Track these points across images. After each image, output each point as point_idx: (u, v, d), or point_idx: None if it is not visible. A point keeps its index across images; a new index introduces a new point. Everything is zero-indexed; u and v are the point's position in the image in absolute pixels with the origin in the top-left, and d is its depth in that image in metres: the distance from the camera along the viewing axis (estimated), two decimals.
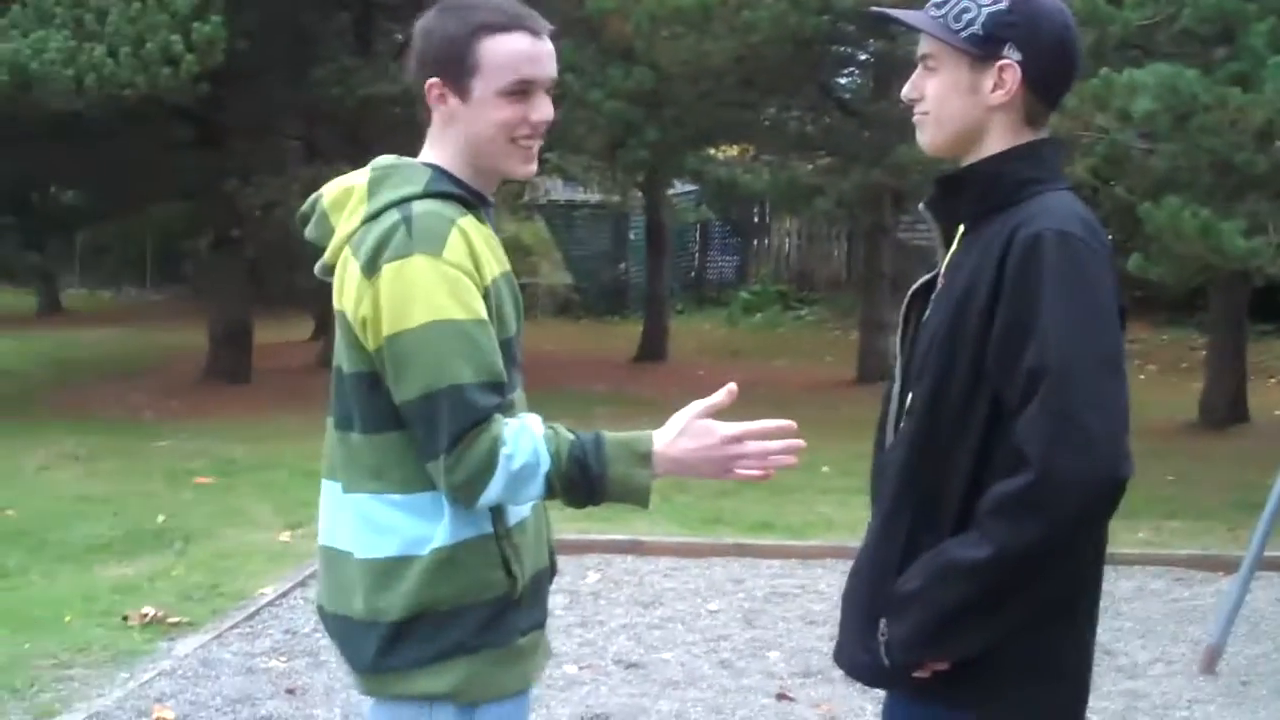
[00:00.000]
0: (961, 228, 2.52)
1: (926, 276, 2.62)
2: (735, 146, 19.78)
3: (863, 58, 17.55)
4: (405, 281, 2.42)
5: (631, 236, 24.62)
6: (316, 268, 2.65)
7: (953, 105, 2.48)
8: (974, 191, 2.50)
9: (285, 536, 8.55)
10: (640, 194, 20.68)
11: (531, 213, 25.72)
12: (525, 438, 2.43)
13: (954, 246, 2.53)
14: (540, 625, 2.66)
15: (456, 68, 2.54)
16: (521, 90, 2.55)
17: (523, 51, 2.55)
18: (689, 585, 7.54)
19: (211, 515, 9.18)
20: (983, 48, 2.44)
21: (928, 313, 2.53)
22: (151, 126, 16.02)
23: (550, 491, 2.46)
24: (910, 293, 2.63)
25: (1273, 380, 16.28)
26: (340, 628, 2.63)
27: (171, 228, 24.50)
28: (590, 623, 6.82)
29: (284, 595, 7.11)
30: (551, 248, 25.61)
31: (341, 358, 2.56)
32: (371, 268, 2.45)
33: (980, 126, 2.48)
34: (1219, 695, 5.93)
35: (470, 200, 2.57)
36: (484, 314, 2.46)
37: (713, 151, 18.39)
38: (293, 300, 19.82)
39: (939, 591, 2.35)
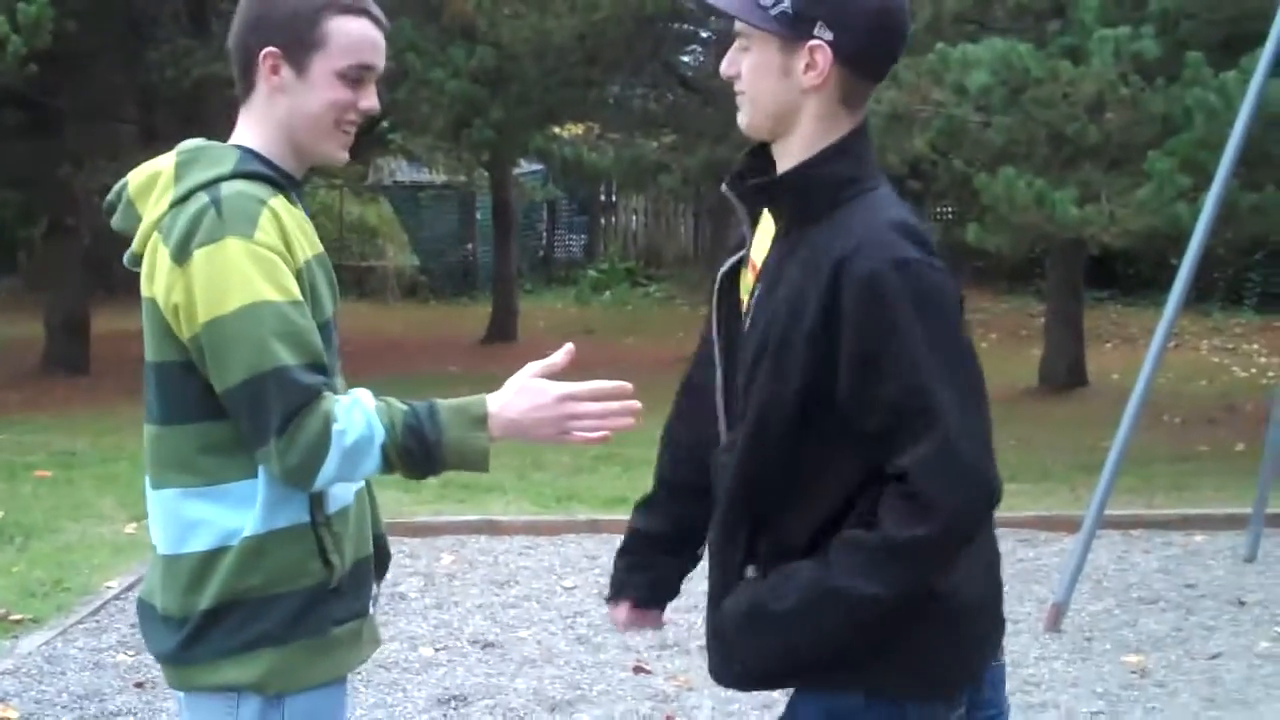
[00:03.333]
0: (775, 226, 2.45)
1: (734, 259, 2.55)
2: (580, 125, 19.77)
3: (705, 35, 17.65)
4: (218, 266, 2.35)
5: (478, 217, 24.44)
6: (125, 257, 2.56)
7: (765, 87, 2.37)
8: (790, 199, 2.40)
9: (130, 529, 8.36)
10: (486, 174, 20.55)
11: (376, 194, 25.47)
12: (357, 412, 2.38)
13: (769, 242, 2.45)
14: (362, 615, 2.60)
15: (297, 41, 2.49)
16: (358, 76, 2.53)
17: (367, 37, 2.53)
18: (544, 563, 7.54)
19: (53, 509, 8.95)
20: (792, 28, 2.31)
21: (750, 311, 2.45)
22: None
23: (388, 464, 2.41)
24: (720, 274, 2.56)
25: (1109, 345, 16.71)
26: (149, 620, 2.60)
27: (3, 216, 23.78)
28: (445, 604, 6.78)
29: (130, 589, 6.95)
30: (397, 229, 25.38)
31: (150, 348, 2.50)
32: (182, 253, 2.38)
33: (794, 109, 2.37)
34: (1064, 651, 6.08)
35: (280, 182, 2.51)
36: (299, 295, 2.41)
37: (558, 130, 18.34)
38: (132, 288, 19.20)
39: (817, 617, 2.29)
